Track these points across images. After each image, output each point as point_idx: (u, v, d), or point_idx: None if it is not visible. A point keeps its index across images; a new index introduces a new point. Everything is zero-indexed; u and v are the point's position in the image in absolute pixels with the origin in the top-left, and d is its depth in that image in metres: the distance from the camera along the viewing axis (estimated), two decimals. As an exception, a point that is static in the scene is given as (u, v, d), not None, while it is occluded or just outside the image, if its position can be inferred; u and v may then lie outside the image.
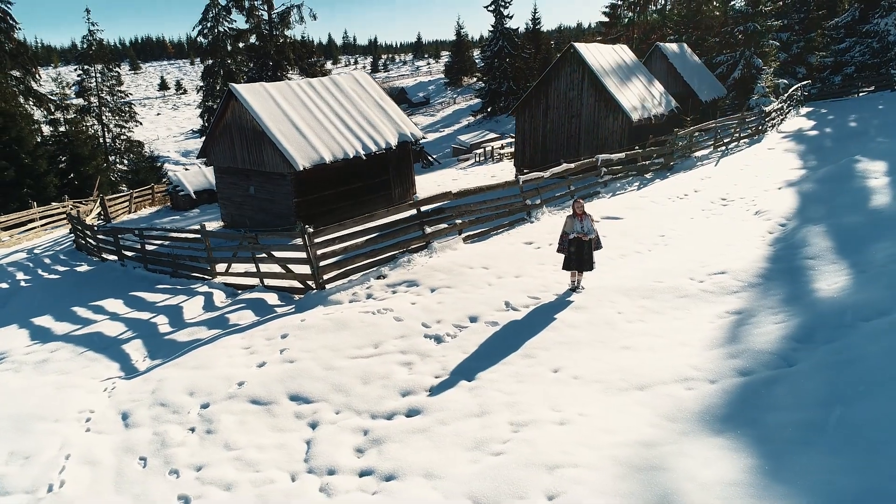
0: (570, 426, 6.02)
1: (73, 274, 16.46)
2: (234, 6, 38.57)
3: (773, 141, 22.84)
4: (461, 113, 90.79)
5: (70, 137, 41.18)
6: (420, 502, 5.07)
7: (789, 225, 12.13)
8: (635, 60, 25.64)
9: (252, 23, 38.64)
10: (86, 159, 40.65)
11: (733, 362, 6.90)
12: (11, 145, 36.13)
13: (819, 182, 15.11)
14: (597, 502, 4.72)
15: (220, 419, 6.80)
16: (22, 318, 12.11)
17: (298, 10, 38.16)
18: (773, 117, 24.99)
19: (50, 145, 41.09)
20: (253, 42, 38.86)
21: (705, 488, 4.73)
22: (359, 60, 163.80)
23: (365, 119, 19.32)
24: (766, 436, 5.43)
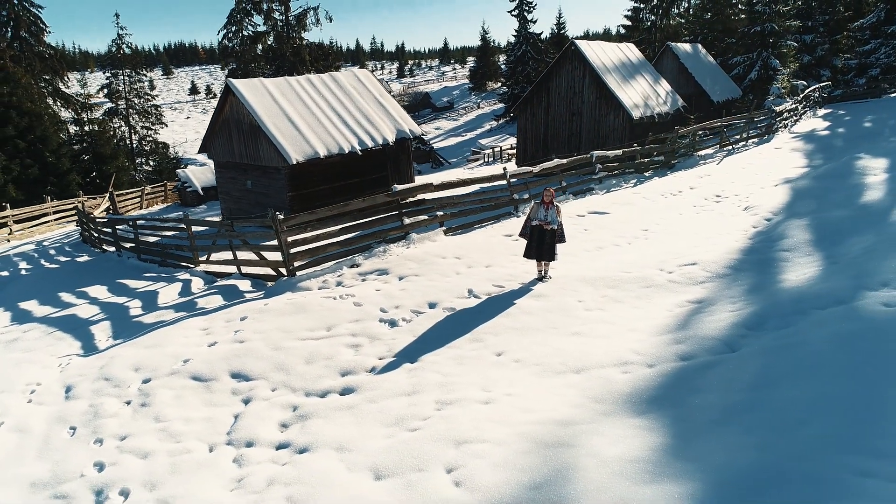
0: (494, 405, 5.93)
1: (72, 264, 16.83)
2: (252, 9, 39.19)
3: (782, 141, 22.32)
4: (484, 118, 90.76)
5: (93, 137, 42.26)
6: (322, 473, 5.03)
7: (774, 220, 11.83)
8: (641, 59, 25.31)
9: (269, 25, 39.22)
10: (108, 158, 41.64)
11: (676, 347, 6.74)
12: (36, 144, 37.23)
13: (816, 179, 14.72)
14: (492, 474, 4.63)
15: (158, 393, 6.86)
16: (10, 303, 12.40)
17: (315, 12, 38.64)
18: (785, 117, 24.42)
19: (74, 144, 42.24)
20: (271, 44, 39.38)
21: (604, 464, 4.61)
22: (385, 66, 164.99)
23: (363, 115, 19.42)
24: (686, 417, 5.29)
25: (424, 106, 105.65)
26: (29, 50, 46.36)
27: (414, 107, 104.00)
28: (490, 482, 4.54)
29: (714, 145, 21.77)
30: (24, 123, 36.55)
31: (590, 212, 14.28)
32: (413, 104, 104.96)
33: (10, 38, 45.83)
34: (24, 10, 46.57)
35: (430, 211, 12.80)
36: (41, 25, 47.55)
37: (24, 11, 46.55)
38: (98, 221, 17.37)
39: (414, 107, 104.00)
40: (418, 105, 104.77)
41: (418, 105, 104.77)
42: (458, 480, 4.65)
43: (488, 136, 72.20)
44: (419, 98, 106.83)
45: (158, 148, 57.41)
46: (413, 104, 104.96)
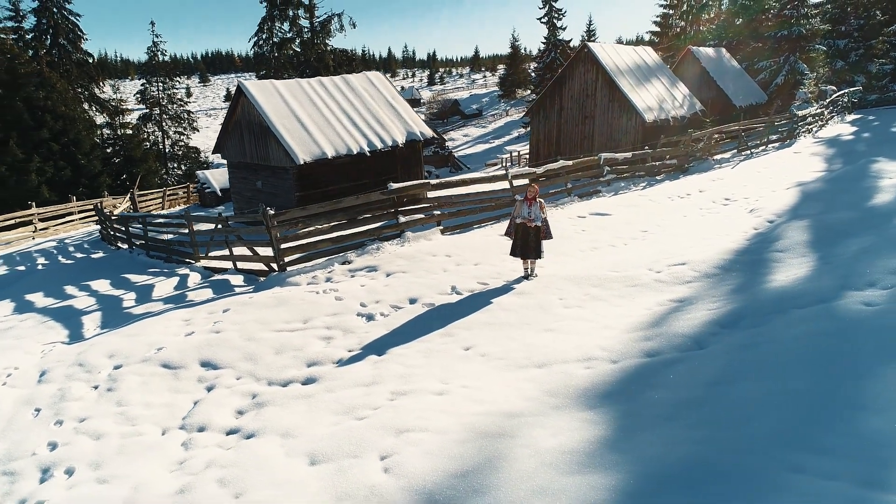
0: (447, 396, 5.85)
1: (86, 260, 17.25)
2: (277, 17, 39.88)
3: (803, 146, 21.72)
4: (513, 125, 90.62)
5: (124, 141, 43.44)
6: (260, 458, 5.02)
7: (777, 221, 11.49)
8: (658, 62, 24.91)
9: (294, 31, 39.86)
10: (137, 161, 42.76)
11: (645, 344, 6.58)
12: (69, 147, 38.43)
13: (829, 182, 14.27)
14: (422, 462, 4.55)
15: (125, 379, 6.95)
16: (18, 294, 12.75)
17: (339, 18, 39.15)
18: (809, 122, 23.78)
19: (106, 148, 43.49)
20: (296, 49, 40.00)
21: (537, 454, 4.50)
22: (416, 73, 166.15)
23: (373, 117, 19.53)
24: (636, 411, 5.14)
25: (453, 113, 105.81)
26: (66, 57, 47.97)
27: (443, 114, 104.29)
28: (418, 469, 4.46)
29: (731, 150, 21.28)
30: (59, 127, 37.77)
31: (592, 213, 14.09)
32: (442, 111, 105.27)
33: (48, 45, 47.51)
34: (63, 18, 48.25)
35: (427, 209, 12.77)
36: (79, 33, 49.18)
37: (62, 20, 48.23)
38: (113, 219, 17.79)
39: (443, 114, 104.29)
40: (447, 112, 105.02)
41: (447, 112, 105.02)
42: (388, 467, 4.59)
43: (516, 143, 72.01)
44: (448, 105, 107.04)
45: (189, 152, 58.71)
46: (442, 111, 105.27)
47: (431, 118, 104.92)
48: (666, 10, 58.19)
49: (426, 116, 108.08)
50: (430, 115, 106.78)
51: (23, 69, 36.79)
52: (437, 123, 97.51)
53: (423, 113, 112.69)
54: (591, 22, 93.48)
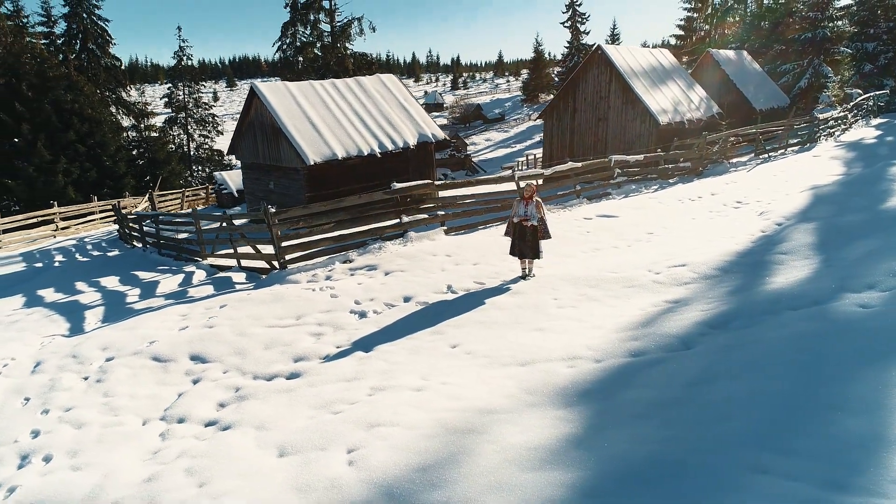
0: (425, 392, 5.82)
1: (102, 258, 17.57)
2: (298, 21, 40.32)
3: (824, 149, 21.25)
4: (535, 129, 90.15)
5: (149, 143, 44.26)
6: (231, 449, 5.06)
7: (785, 224, 11.25)
8: (674, 64, 24.58)
9: (314, 35, 40.24)
10: (161, 163, 43.50)
11: (631, 344, 6.48)
12: (95, 149, 39.24)
13: (843, 185, 13.94)
14: (387, 456, 4.53)
15: (115, 371, 7.04)
16: (31, 290, 13.02)
17: (359, 22, 39.39)
18: (830, 126, 23.26)
19: (132, 150, 44.33)
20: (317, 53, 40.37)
21: (502, 450, 4.45)
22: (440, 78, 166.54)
23: (385, 119, 19.61)
24: (610, 410, 5.06)
25: (476, 117, 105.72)
26: (95, 61, 49.05)
27: (465, 118, 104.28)
28: (381, 463, 4.44)
29: (749, 153, 20.91)
30: (85, 129, 38.58)
31: (598, 215, 13.94)
32: (464, 116, 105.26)
33: (78, 49, 48.67)
34: (92, 23, 49.38)
35: (430, 209, 12.77)
36: (107, 38, 50.26)
37: (92, 25, 49.36)
38: (128, 218, 18.10)
39: (465, 118, 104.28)
40: (469, 116, 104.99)
41: (469, 116, 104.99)
42: (353, 460, 4.57)
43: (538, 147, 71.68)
44: (471, 110, 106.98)
45: (213, 155, 59.56)
46: (464, 116, 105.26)
47: (454, 122, 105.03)
48: (690, 13, 57.54)
49: (448, 121, 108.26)
50: (453, 120, 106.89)
51: (51, 73, 37.68)
52: (459, 128, 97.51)
53: (446, 117, 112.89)
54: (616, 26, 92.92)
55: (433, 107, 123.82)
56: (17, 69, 36.70)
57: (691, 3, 56.69)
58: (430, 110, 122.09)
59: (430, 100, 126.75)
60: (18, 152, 35.77)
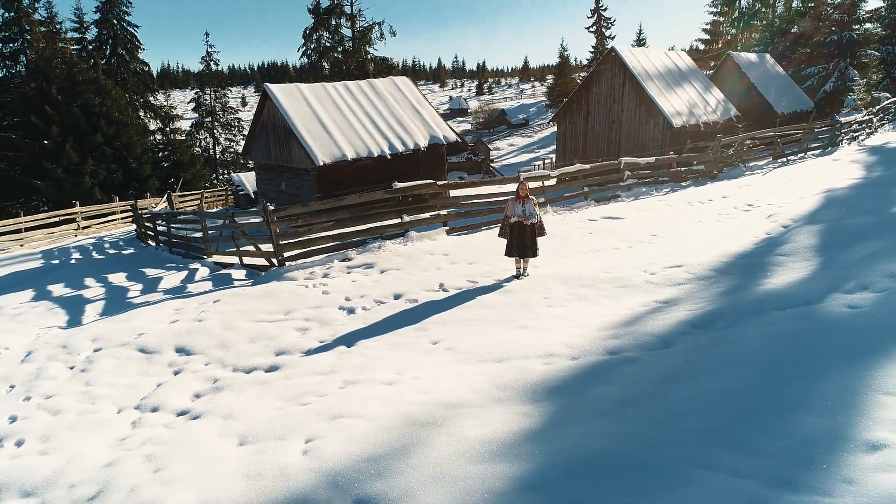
0: (396, 386, 5.80)
1: (117, 256, 17.91)
2: (321, 26, 40.76)
3: (845, 153, 20.71)
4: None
5: (173, 146, 45.13)
6: (194, 437, 5.09)
7: (791, 226, 10.97)
8: (692, 66, 24.20)
9: (335, 40, 40.65)
10: (185, 165, 44.31)
11: (611, 342, 6.37)
12: (121, 151, 40.11)
13: (857, 188, 13.58)
14: (341, 446, 4.52)
15: (101, 361, 7.15)
16: (42, 285, 13.33)
17: (379, 27, 39.70)
18: (854, 129, 22.67)
19: (158, 152, 45.24)
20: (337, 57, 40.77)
21: (456, 443, 4.41)
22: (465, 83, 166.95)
23: (396, 120, 19.68)
24: (574, 406, 4.98)
25: (500, 122, 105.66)
26: (124, 66, 50.25)
27: (489, 123, 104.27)
28: (334, 452, 4.42)
29: (766, 156, 20.49)
30: (112, 132, 39.47)
31: (603, 217, 13.78)
32: (488, 120, 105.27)
33: (108, 54, 49.91)
34: (122, 29, 50.61)
35: (431, 209, 12.75)
36: (136, 43, 51.47)
37: (122, 31, 50.59)
38: (143, 218, 18.44)
39: (489, 123, 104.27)
40: (493, 122, 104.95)
41: (493, 122, 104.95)
42: (308, 450, 4.56)
43: (559, 152, 71.26)
44: (495, 115, 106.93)
45: (237, 158, 60.49)
46: (488, 120, 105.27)
47: (477, 127, 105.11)
48: (716, 17, 56.76)
49: (472, 126, 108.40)
50: (477, 125, 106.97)
51: (81, 77, 38.63)
52: (483, 133, 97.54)
53: (470, 122, 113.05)
54: (641, 30, 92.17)
55: (457, 112, 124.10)
56: (47, 73, 37.70)
57: (717, 7, 55.92)
58: (454, 115, 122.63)
59: (455, 105, 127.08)
60: (48, 154, 36.73)
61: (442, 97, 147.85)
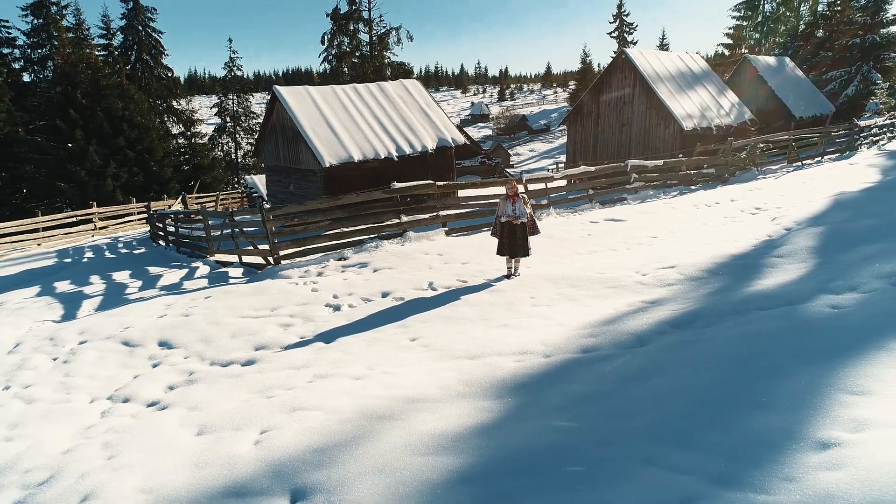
0: (363, 380, 5.77)
1: (127, 255, 18.18)
2: (339, 31, 41.11)
3: (862, 157, 20.23)
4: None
5: (194, 149, 45.82)
6: (155, 426, 5.11)
7: (794, 228, 10.73)
8: (705, 69, 23.84)
9: (352, 45, 40.95)
10: (206, 169, 44.93)
11: (586, 341, 6.27)
12: (143, 154, 40.81)
13: (869, 191, 13.25)
14: (293, 437, 4.52)
15: (84, 353, 7.24)
16: (49, 282, 13.57)
17: (396, 32, 39.91)
18: (875, 134, 22.15)
19: (181, 156, 45.96)
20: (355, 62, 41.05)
21: (407, 436, 4.37)
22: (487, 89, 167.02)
23: (405, 123, 19.70)
24: (534, 402, 4.91)
25: (521, 128, 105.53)
26: (148, 71, 51.22)
27: (510, 129, 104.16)
28: (285, 443, 4.40)
29: (781, 160, 20.09)
30: (134, 135, 40.19)
31: (605, 219, 13.62)
32: (509, 126, 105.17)
33: (133, 60, 50.94)
34: (147, 35, 51.62)
35: (430, 209, 12.73)
36: (160, 49, 52.44)
37: (147, 37, 51.59)
38: (153, 218, 18.71)
39: (510, 129, 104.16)
40: (514, 127, 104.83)
41: (514, 127, 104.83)
42: (260, 440, 4.55)
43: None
44: (516, 120, 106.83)
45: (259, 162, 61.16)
46: (509, 126, 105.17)
47: (498, 133, 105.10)
48: (739, 21, 55.97)
49: (493, 131, 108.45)
50: (498, 130, 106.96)
51: (105, 81, 39.45)
52: (504, 138, 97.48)
53: (491, 128, 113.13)
54: (665, 36, 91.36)
55: (478, 117, 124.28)
56: (73, 78, 38.57)
57: (740, 12, 55.15)
58: (475, 121, 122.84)
59: (476, 111, 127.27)
60: (72, 156, 37.54)
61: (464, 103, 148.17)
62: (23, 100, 42.65)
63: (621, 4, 76.30)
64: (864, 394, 4.05)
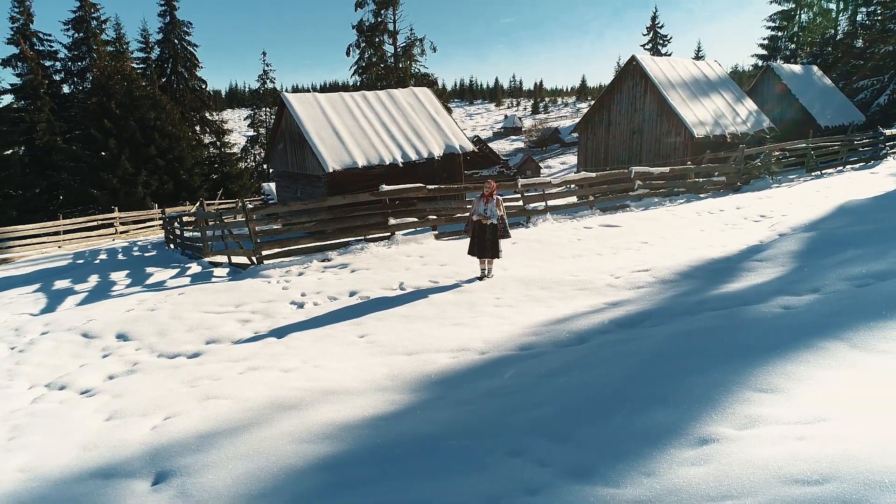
0: (292, 373, 5.72)
1: (137, 258, 18.55)
2: (364, 43, 41.61)
3: (886, 167, 19.44)
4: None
5: (223, 159, 46.86)
6: (68, 410, 5.16)
7: (787, 234, 10.35)
8: (722, 76, 23.23)
9: (377, 56, 41.39)
10: (234, 178, 45.88)
11: (528, 339, 6.13)
12: (173, 163, 41.89)
13: (879, 199, 12.65)
14: (193, 422, 4.51)
15: (42, 343, 7.36)
16: (52, 280, 13.91)
17: (420, 42, 40.23)
18: (902, 143, 21.28)
19: (207, 164, 47.03)
20: (379, 73, 41.47)
21: (299, 423, 4.32)
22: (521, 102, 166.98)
23: (412, 129, 19.73)
24: (445, 396, 4.81)
25: (553, 141, 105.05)
26: (183, 83, 52.68)
27: (542, 142, 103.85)
28: (179, 429, 4.36)
29: (799, 169, 19.42)
30: (165, 144, 41.32)
31: (601, 225, 13.33)
32: (541, 139, 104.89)
33: (168, 72, 52.49)
34: (182, 48, 53.17)
35: (420, 213, 12.65)
36: (195, 62, 53.91)
37: (182, 50, 53.14)
38: (165, 220, 19.09)
39: (542, 142, 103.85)
40: (547, 140, 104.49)
41: (547, 140, 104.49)
42: (158, 426, 4.53)
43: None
44: (549, 133, 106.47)
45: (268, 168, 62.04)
46: (541, 139, 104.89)
47: (530, 145, 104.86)
48: (774, 31, 54.66)
49: (525, 144, 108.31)
50: (530, 143, 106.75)
51: (138, 92, 40.72)
52: (536, 151, 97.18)
53: (523, 140, 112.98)
54: (700, 48, 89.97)
55: (511, 130, 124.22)
56: (108, 89, 39.94)
57: (776, 22, 53.88)
58: (507, 133, 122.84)
59: (509, 123, 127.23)
60: (105, 164, 38.78)
61: (497, 116, 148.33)
62: (62, 110, 44.27)
63: (655, 17, 75.43)
64: (771, 391, 3.81)
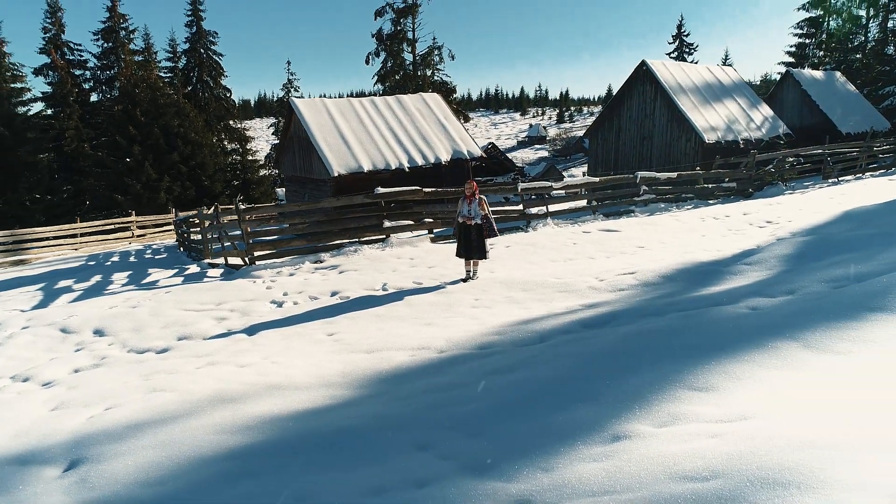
0: (247, 368, 5.72)
1: (148, 259, 18.79)
2: (383, 51, 41.96)
3: (907, 173, 18.85)
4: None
5: (245, 165, 47.52)
6: (21, 401, 5.17)
7: (785, 238, 10.05)
8: (737, 81, 22.78)
9: (396, 64, 41.68)
10: (255, 184, 46.48)
11: (489, 338, 6.03)
12: (196, 169, 42.61)
13: (891, 204, 12.21)
14: (129, 413, 4.51)
15: (20, 337, 7.48)
16: (57, 279, 14.17)
17: (439, 51, 40.44)
18: (926, 149, 20.61)
19: (230, 171, 47.74)
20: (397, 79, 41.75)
21: (230, 416, 4.31)
22: (546, 111, 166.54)
23: (420, 135, 19.74)
24: (387, 392, 4.76)
25: (577, 150, 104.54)
26: (208, 91, 53.67)
27: (566, 151, 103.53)
28: (116, 419, 4.38)
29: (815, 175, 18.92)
30: (188, 151, 42.08)
31: (600, 230, 13.11)
32: (565, 148, 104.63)
33: (194, 80, 53.54)
34: (208, 57, 54.22)
35: (416, 216, 12.61)
36: (220, 71, 54.91)
37: (208, 59, 54.19)
38: (175, 223, 19.36)
39: (566, 151, 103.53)
40: (571, 149, 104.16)
41: (571, 149, 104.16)
42: (95, 416, 4.55)
43: (631, 179, 69.19)
44: (573, 142, 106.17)
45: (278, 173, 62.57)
46: (565, 148, 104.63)
47: (554, 154, 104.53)
48: (802, 39, 53.63)
49: (549, 153, 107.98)
50: (554, 152, 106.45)
51: (163, 100, 41.59)
52: (560, 160, 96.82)
53: (547, 149, 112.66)
54: (727, 56, 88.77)
55: (535, 139, 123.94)
56: (133, 97, 40.88)
57: (803, 29, 52.88)
58: (532, 143, 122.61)
59: (533, 132, 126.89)
60: (129, 170, 39.63)
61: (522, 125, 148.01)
62: (90, 117, 45.40)
63: (681, 24, 74.62)
64: (705, 390, 3.66)
